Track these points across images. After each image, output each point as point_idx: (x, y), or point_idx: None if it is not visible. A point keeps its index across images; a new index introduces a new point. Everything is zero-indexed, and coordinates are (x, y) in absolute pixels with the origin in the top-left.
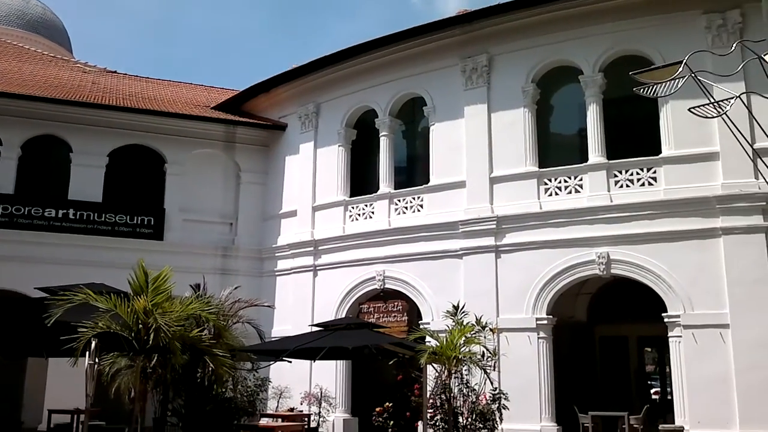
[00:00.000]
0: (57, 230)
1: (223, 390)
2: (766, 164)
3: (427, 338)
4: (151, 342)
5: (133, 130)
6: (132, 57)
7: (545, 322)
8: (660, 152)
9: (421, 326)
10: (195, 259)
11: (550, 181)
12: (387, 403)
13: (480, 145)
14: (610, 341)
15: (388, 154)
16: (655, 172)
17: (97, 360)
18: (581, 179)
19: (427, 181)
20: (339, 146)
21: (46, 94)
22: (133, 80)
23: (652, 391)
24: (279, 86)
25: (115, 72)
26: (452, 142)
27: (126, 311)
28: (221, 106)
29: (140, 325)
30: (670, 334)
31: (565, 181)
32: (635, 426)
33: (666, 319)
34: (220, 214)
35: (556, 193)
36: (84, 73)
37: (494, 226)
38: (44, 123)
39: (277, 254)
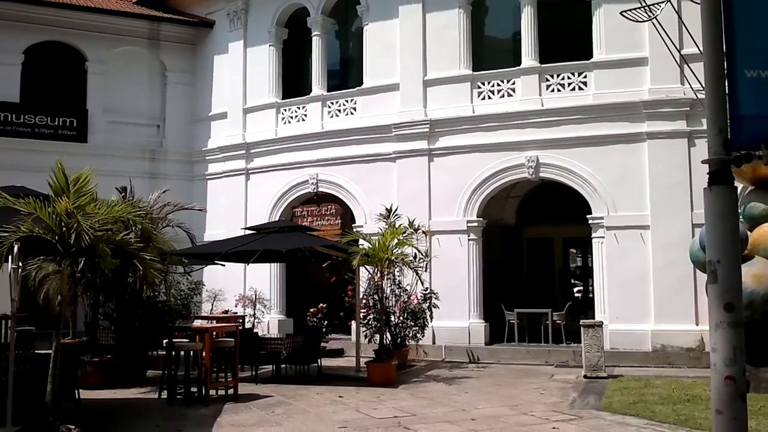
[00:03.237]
0: None
1: (155, 293)
2: (692, 70)
3: (360, 241)
4: (74, 245)
5: (51, 25)
6: None
7: (476, 224)
8: (591, 57)
9: (355, 229)
10: (121, 163)
11: (483, 84)
12: (321, 304)
13: (414, 47)
14: (537, 242)
15: (321, 55)
16: (585, 76)
17: (20, 264)
18: (514, 83)
19: (361, 83)
20: (270, 46)
21: None
22: None
23: (575, 289)
24: None
25: None
26: (386, 44)
27: (47, 214)
28: (145, 0)
29: (63, 228)
30: (593, 235)
31: (498, 85)
32: (558, 321)
33: (590, 221)
34: (146, 115)
35: (489, 97)
36: None
37: (427, 130)
38: None
39: (207, 157)
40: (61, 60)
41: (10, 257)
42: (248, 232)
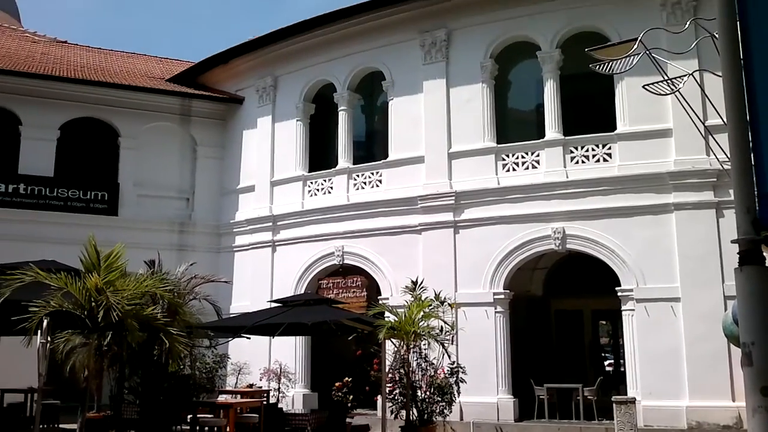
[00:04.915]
0: (7, 205)
1: (181, 367)
2: (717, 141)
3: (386, 313)
4: (102, 320)
5: (86, 102)
6: (84, 27)
7: (502, 296)
8: (615, 128)
9: (380, 302)
10: (150, 235)
11: (508, 156)
12: (346, 378)
13: (438, 120)
14: (565, 315)
15: (347, 129)
16: (610, 148)
17: (49, 338)
18: (538, 155)
19: (386, 156)
20: (297, 120)
21: None
22: (86, 51)
23: (606, 363)
24: (236, 58)
25: (66, 42)
26: (411, 117)
27: (77, 289)
28: (177, 78)
29: (93, 303)
30: (623, 307)
31: (523, 157)
32: (589, 397)
33: (619, 293)
34: (176, 188)
35: (514, 169)
36: (33, 43)
37: (453, 202)
38: None
39: (235, 230)
40: (94, 135)
41: (39, 331)
42: (274, 304)
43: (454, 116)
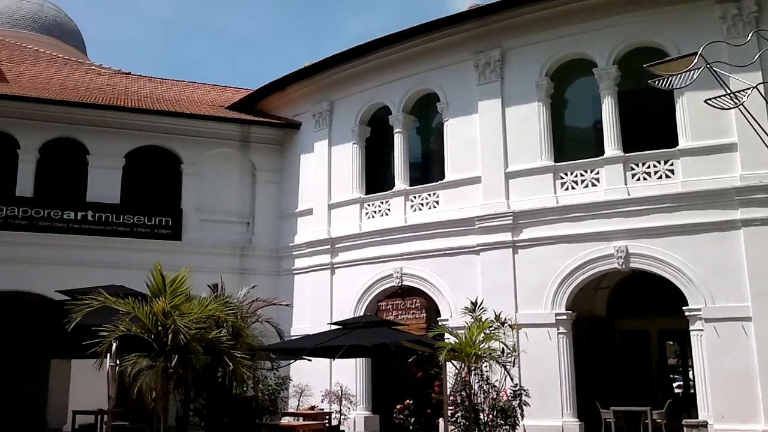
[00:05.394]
0: (76, 232)
1: (244, 389)
2: None
3: (446, 335)
4: (170, 344)
5: (149, 131)
6: (146, 58)
7: (564, 317)
8: (677, 144)
9: (440, 323)
10: (213, 259)
11: (566, 175)
12: (407, 401)
13: (494, 140)
14: (630, 335)
15: (403, 151)
16: (672, 164)
17: (118, 362)
18: (597, 173)
19: (442, 177)
20: (353, 144)
21: (62, 97)
22: (148, 81)
23: (675, 385)
24: (293, 84)
25: (129, 74)
26: (466, 138)
27: (145, 314)
28: (236, 105)
29: (159, 327)
30: (691, 327)
31: (582, 175)
32: (658, 421)
33: (687, 313)
34: (236, 213)
35: (573, 187)
36: (99, 75)
37: (511, 222)
38: (61, 126)
39: (294, 253)
40: (158, 163)
41: (108, 355)
42: (334, 326)
43: (510, 136)
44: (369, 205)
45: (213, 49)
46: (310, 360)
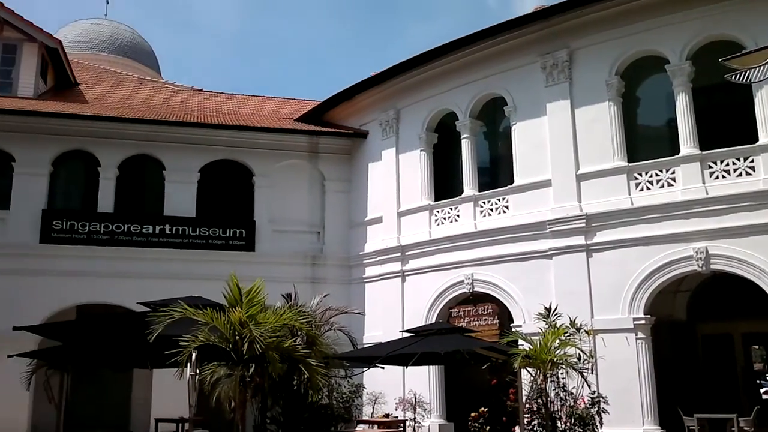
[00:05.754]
0: (155, 245)
1: (319, 397)
2: None
3: (520, 341)
4: (246, 353)
5: (222, 145)
6: (216, 74)
7: (643, 321)
8: (756, 140)
9: (513, 329)
10: (285, 269)
11: (641, 175)
12: (482, 408)
13: (564, 142)
14: (713, 339)
15: (471, 157)
16: (752, 161)
17: (198, 371)
18: (673, 172)
19: (512, 181)
20: (421, 151)
21: (139, 116)
22: (219, 97)
23: (762, 390)
24: (359, 94)
25: (201, 90)
26: (535, 141)
27: (223, 324)
28: (304, 117)
29: (237, 337)
30: None
31: (657, 175)
32: (745, 429)
33: None
34: (307, 223)
35: (648, 188)
36: (173, 93)
37: (584, 225)
38: (138, 143)
39: (364, 261)
40: (231, 176)
41: (188, 364)
42: (406, 334)
43: (580, 137)
44: (438, 211)
45: (280, 62)
46: (383, 368)
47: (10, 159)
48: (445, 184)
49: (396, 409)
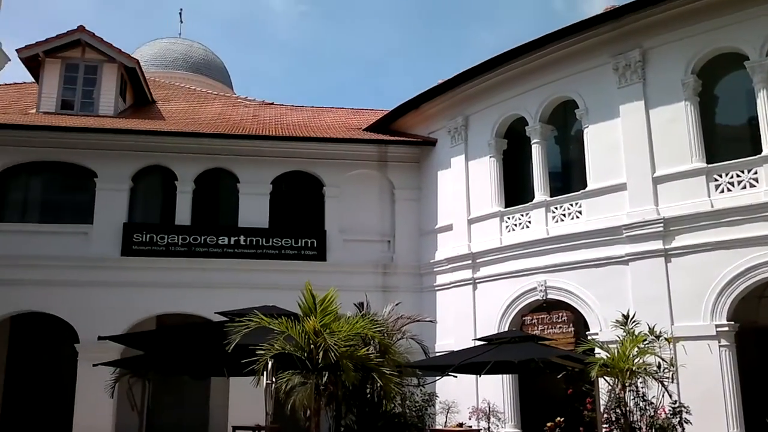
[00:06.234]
0: (230, 256)
1: (393, 406)
2: None
3: (597, 350)
4: (321, 361)
5: (293, 157)
6: (286, 87)
7: (726, 328)
8: None
9: (589, 337)
10: (357, 278)
11: (721, 176)
12: (558, 418)
13: (639, 144)
14: None
15: (542, 162)
16: None
17: (274, 379)
18: (756, 172)
19: (584, 186)
20: (490, 157)
21: (213, 131)
22: (289, 109)
23: None
24: (427, 102)
25: (272, 104)
26: (608, 144)
27: (297, 333)
28: (372, 126)
29: (311, 346)
30: None
31: (738, 176)
32: None
33: None
34: (377, 232)
35: (729, 189)
36: (245, 107)
37: (661, 229)
38: (213, 157)
39: (435, 269)
40: (301, 187)
41: (265, 372)
42: (479, 342)
43: (656, 139)
44: (509, 218)
45: (348, 73)
46: (456, 376)
47: (92, 175)
48: (516, 190)
49: (469, 419)
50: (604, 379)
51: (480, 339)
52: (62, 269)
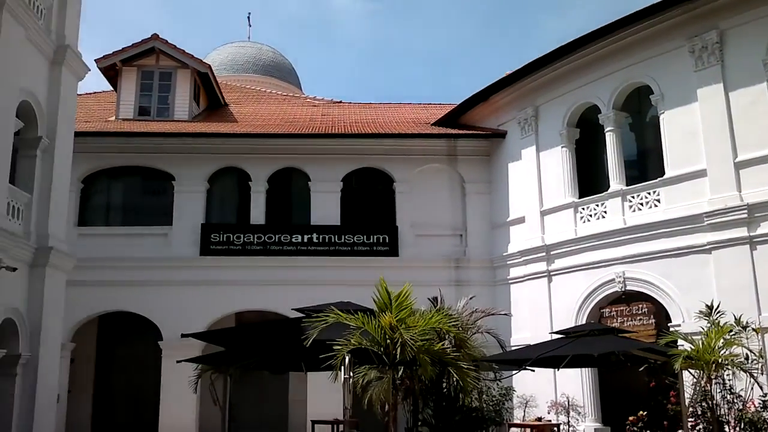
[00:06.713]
0: (303, 254)
1: (470, 400)
2: None
3: (680, 341)
4: (398, 356)
5: (362, 154)
6: (354, 85)
7: None
8: None
9: (671, 329)
10: (429, 273)
11: None
12: (641, 412)
13: (719, 128)
14: None
15: (616, 150)
16: None
17: (351, 374)
18: None
19: (662, 173)
20: (562, 147)
21: (284, 131)
22: (357, 107)
23: None
24: (496, 94)
25: (340, 102)
26: (686, 129)
27: (374, 328)
28: (441, 121)
29: (388, 341)
30: None
31: None
32: None
33: None
34: (449, 226)
35: None
36: (314, 107)
37: (746, 216)
38: (285, 156)
39: (508, 262)
40: (372, 183)
41: (342, 367)
42: (556, 335)
43: (737, 122)
44: (583, 208)
45: (414, 68)
46: (534, 370)
47: (170, 178)
48: (590, 180)
49: (548, 413)
50: (689, 372)
51: (557, 332)
52: (144, 270)
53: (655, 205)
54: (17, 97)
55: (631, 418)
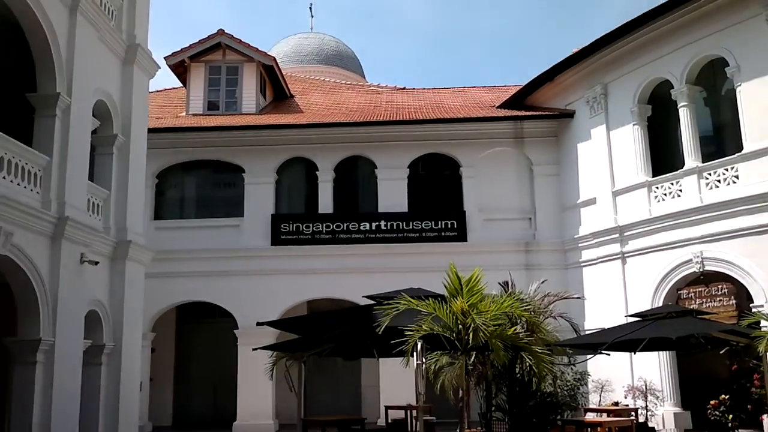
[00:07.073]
0: (372, 241)
1: (544, 385)
2: None
3: (763, 323)
4: (471, 342)
5: (428, 139)
6: (417, 71)
7: None
8: None
9: (754, 309)
10: (498, 257)
11: None
12: (723, 395)
13: None
14: None
15: (691, 126)
16: None
17: (423, 359)
18: None
19: (740, 148)
20: (633, 125)
21: (350, 119)
22: (422, 93)
23: None
24: (562, 73)
25: (404, 88)
26: (765, 102)
27: (445, 313)
28: (506, 103)
29: (459, 326)
30: None
31: None
32: None
33: None
34: (517, 209)
35: None
36: (378, 95)
37: None
38: (351, 145)
39: (580, 244)
40: (438, 168)
41: (414, 353)
42: (632, 318)
43: None
44: (657, 187)
45: (478, 51)
46: (609, 354)
47: (240, 171)
48: (663, 158)
49: (625, 397)
50: None
51: (633, 315)
52: (218, 260)
53: (734, 182)
54: (93, 97)
55: (712, 402)
